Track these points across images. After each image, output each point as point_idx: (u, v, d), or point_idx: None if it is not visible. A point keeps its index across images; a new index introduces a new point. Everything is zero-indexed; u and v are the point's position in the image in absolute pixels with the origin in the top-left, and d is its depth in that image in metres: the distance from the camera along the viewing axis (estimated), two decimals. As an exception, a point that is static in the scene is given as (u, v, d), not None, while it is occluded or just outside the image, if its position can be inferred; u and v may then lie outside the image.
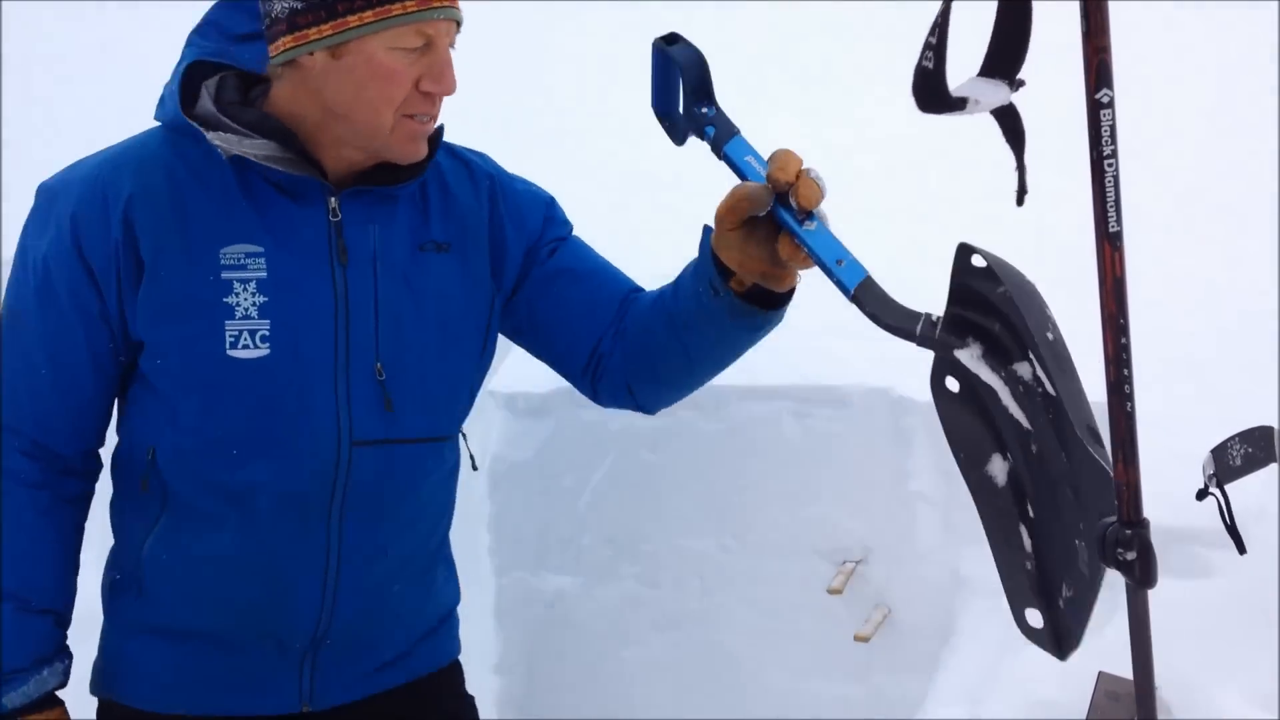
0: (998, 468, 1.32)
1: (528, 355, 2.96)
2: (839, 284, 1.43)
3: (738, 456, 2.67)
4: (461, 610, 3.99)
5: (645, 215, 3.43)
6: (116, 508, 1.76)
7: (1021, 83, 1.48)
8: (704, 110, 1.55)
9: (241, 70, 1.70)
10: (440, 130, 1.73)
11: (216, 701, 1.73)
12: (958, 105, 1.41)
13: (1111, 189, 1.47)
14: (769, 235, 1.48)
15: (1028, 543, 1.32)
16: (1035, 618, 1.33)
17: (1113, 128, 1.44)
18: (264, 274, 1.63)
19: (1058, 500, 1.30)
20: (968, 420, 1.34)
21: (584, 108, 3.75)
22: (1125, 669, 1.95)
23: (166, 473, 1.68)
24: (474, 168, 1.81)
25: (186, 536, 1.70)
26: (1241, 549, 1.82)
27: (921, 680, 2.46)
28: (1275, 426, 1.93)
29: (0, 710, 1.62)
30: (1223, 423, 2.01)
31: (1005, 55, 1.49)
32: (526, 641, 2.99)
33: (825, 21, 3.91)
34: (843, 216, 3.02)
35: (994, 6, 1.53)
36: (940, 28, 1.41)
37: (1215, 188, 2.86)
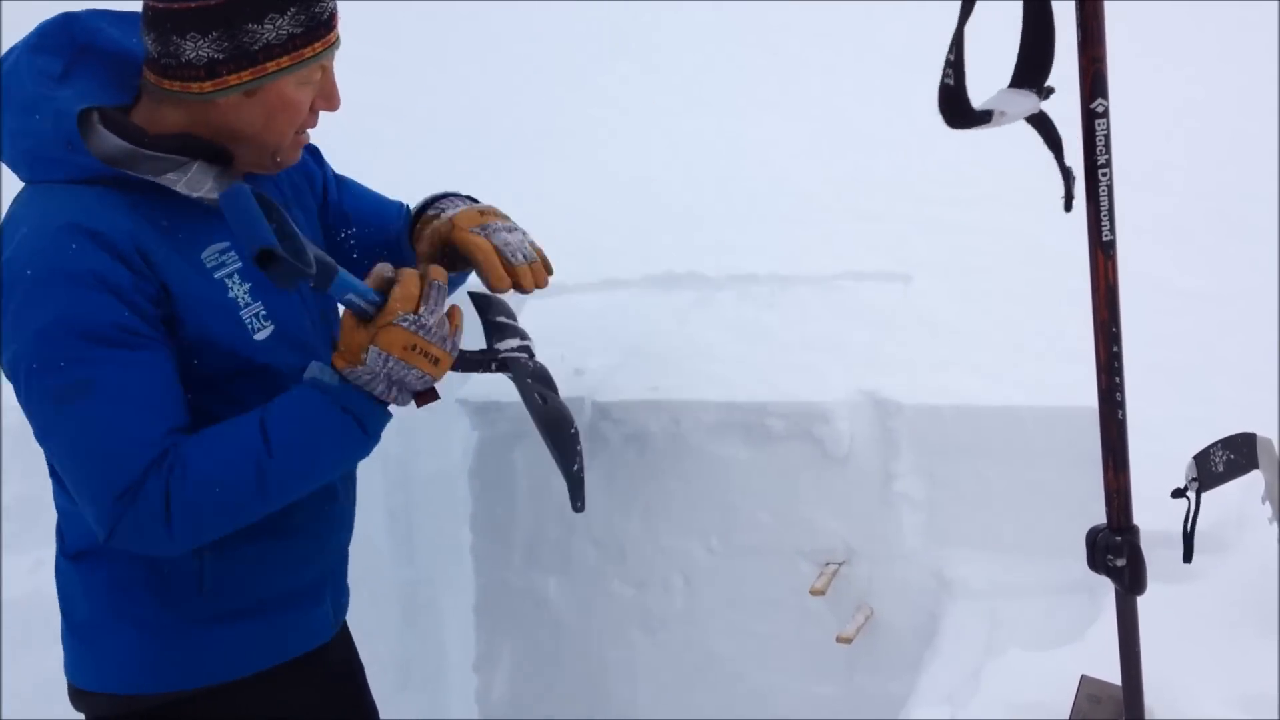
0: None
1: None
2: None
3: (722, 458, 2.67)
4: (442, 608, 3.96)
5: (645, 214, 3.44)
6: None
7: (1051, 90, 1.51)
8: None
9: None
10: None
11: (283, 650, 1.94)
12: (983, 119, 1.45)
13: (1105, 198, 1.49)
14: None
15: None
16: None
17: (1107, 137, 1.46)
18: (240, 264, 1.82)
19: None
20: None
21: (555, 112, 3.75)
22: (1107, 672, 1.97)
23: None
24: None
25: None
26: (1188, 557, 1.85)
27: (904, 682, 2.47)
28: (1258, 434, 1.95)
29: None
30: (1206, 429, 2.03)
31: (1032, 65, 1.52)
32: (507, 641, 2.99)
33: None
34: (833, 216, 3.02)
35: (1006, 18, 1.55)
36: (957, 44, 1.44)
37: (1205, 194, 2.88)
